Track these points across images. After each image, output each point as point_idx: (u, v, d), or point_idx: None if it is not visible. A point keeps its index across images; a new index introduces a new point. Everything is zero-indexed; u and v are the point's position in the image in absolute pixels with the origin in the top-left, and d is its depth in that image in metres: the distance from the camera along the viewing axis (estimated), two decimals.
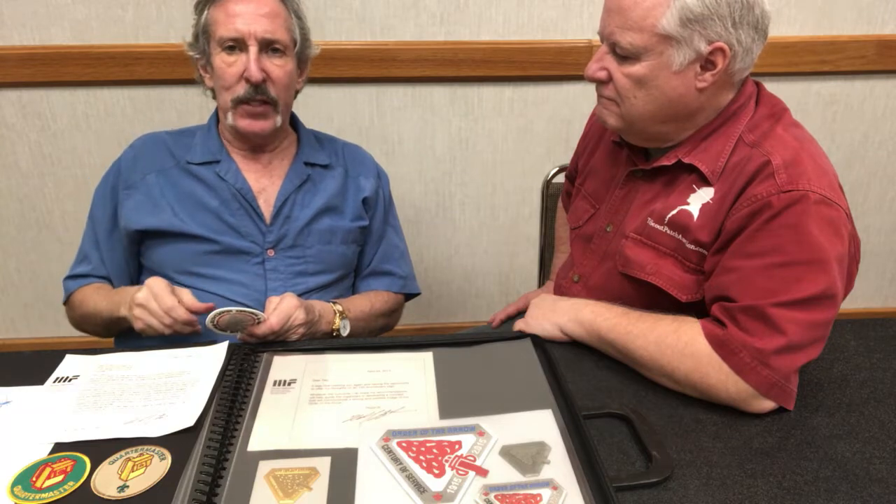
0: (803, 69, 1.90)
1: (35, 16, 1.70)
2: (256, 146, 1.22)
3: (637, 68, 0.94)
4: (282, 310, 1.01)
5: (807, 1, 1.85)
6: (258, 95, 1.14)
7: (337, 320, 1.14)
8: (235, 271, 1.18)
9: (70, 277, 1.24)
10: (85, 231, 1.25)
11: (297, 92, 1.26)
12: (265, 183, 1.22)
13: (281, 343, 1.01)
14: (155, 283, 1.01)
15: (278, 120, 1.18)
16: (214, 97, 1.22)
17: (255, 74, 1.11)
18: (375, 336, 1.29)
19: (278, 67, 1.15)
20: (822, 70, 1.91)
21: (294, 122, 1.30)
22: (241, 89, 1.14)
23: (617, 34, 0.93)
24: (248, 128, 1.16)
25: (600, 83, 1.00)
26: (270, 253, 1.20)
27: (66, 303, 1.24)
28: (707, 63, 0.92)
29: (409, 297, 1.39)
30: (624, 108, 0.98)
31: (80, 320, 1.22)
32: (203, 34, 1.17)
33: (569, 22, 1.82)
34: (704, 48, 0.90)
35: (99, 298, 1.16)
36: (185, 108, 1.81)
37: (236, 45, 1.13)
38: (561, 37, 1.83)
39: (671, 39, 0.90)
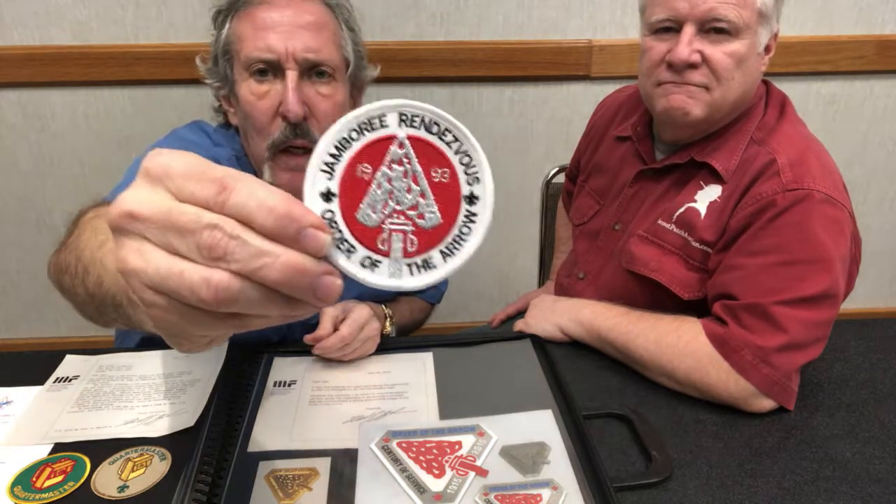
0: (803, 69, 1.90)
1: (35, 16, 1.70)
2: None
3: (737, 46, 0.90)
4: (354, 319, 0.89)
5: (807, 1, 1.85)
6: (298, 139, 0.87)
7: (388, 325, 1.04)
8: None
9: None
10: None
11: None
12: None
13: (281, 343, 1.01)
14: (174, 159, 0.34)
15: None
16: (238, 132, 0.96)
17: (295, 109, 0.85)
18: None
19: (325, 98, 0.89)
20: (822, 70, 1.91)
21: None
22: (275, 130, 0.88)
23: (722, 8, 0.88)
24: (291, 185, 0.88)
25: (689, 68, 0.92)
26: None
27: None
28: (767, 46, 0.93)
29: None
30: (718, 92, 0.92)
31: (59, 271, 0.69)
32: (224, 55, 0.92)
33: (569, 22, 1.82)
34: (775, 29, 0.90)
35: (91, 236, 0.62)
36: (186, 108, 1.81)
37: (269, 68, 0.87)
38: (561, 37, 1.83)
39: (764, 17, 0.89)
